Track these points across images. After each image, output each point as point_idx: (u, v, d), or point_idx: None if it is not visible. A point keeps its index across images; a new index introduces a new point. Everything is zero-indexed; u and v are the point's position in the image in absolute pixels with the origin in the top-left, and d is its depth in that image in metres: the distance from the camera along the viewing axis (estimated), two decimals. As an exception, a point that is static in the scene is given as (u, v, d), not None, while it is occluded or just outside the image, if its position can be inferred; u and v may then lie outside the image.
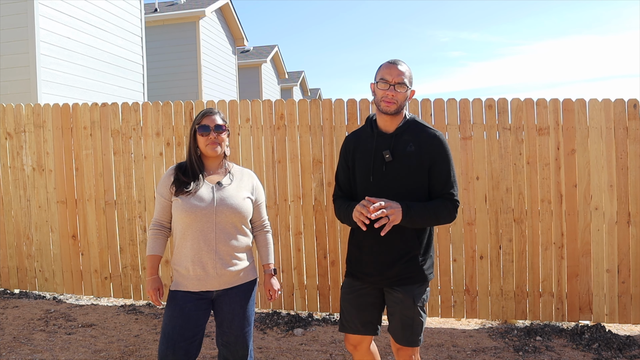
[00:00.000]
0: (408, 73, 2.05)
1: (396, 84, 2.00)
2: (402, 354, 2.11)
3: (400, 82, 2.00)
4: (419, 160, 2.03)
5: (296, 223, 4.14)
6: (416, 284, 2.07)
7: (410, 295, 2.05)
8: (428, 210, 2.00)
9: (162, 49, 12.02)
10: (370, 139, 2.12)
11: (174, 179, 2.18)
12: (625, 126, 3.80)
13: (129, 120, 4.38)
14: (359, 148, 2.15)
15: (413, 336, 2.07)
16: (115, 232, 4.43)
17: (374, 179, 2.06)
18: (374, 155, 2.08)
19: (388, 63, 2.05)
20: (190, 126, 2.22)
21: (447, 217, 2.05)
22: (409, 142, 2.05)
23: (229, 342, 2.19)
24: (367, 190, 2.06)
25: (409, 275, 2.05)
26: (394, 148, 2.05)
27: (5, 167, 4.64)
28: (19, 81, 6.42)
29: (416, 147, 2.04)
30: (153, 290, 2.17)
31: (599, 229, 3.83)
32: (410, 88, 2.05)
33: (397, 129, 2.08)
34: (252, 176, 2.33)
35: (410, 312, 2.05)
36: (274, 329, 3.82)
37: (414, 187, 2.03)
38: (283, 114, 4.13)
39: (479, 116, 3.93)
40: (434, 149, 2.04)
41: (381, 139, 2.09)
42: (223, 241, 2.12)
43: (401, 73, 2.01)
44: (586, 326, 3.75)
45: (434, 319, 4.12)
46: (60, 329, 3.78)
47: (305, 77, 24.84)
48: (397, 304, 2.07)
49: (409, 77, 2.05)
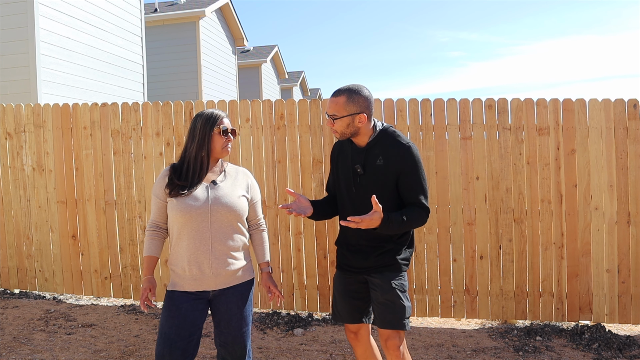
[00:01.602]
0: (342, 101, 2.13)
1: (330, 116, 2.16)
2: (390, 344, 2.15)
3: (331, 114, 2.15)
4: (387, 173, 2.17)
5: (296, 223, 4.14)
6: (392, 272, 2.21)
7: (386, 280, 2.18)
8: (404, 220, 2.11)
9: (162, 49, 12.02)
10: (348, 151, 2.28)
11: (168, 180, 2.17)
12: (625, 126, 3.80)
13: (129, 120, 4.38)
14: (340, 158, 2.33)
15: (394, 319, 2.14)
16: (115, 232, 4.43)
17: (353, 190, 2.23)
18: (351, 167, 2.24)
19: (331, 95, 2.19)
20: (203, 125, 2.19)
21: (420, 222, 2.18)
22: (378, 156, 2.18)
23: (226, 342, 2.19)
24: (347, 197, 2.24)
25: (384, 264, 2.21)
26: (365, 162, 2.20)
27: (5, 167, 4.64)
28: (19, 81, 6.42)
29: (385, 160, 2.17)
30: (145, 291, 2.13)
31: (599, 229, 3.83)
32: (348, 115, 2.12)
33: (368, 144, 2.21)
34: (247, 175, 2.33)
35: (389, 295, 2.16)
36: (273, 329, 3.82)
37: (386, 197, 2.15)
38: (283, 114, 4.14)
39: (479, 116, 3.93)
40: (400, 160, 2.15)
41: (355, 153, 2.25)
42: (219, 240, 2.12)
43: (333, 104, 2.14)
44: (586, 326, 3.75)
45: (434, 319, 4.12)
46: (60, 329, 3.78)
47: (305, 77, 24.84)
48: (376, 289, 2.20)
49: (343, 105, 2.13)
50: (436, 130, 3.97)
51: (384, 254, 2.21)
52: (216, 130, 2.17)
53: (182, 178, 2.15)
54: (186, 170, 2.17)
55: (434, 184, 3.93)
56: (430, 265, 3.99)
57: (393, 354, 2.15)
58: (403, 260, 2.24)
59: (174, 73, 12.03)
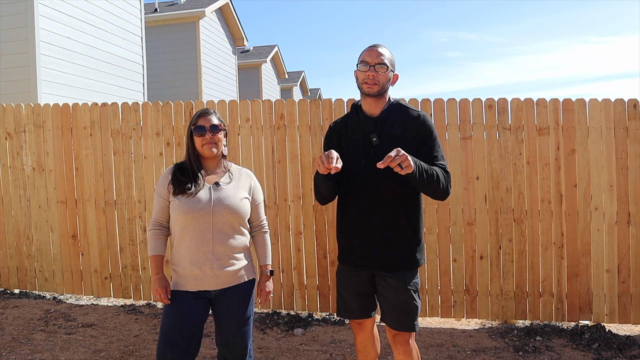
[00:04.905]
0: (388, 55, 2.09)
1: (376, 65, 2.05)
2: (399, 339, 2.12)
3: (380, 63, 2.05)
4: (405, 141, 2.06)
5: (296, 223, 4.14)
6: (408, 270, 2.11)
7: (402, 280, 2.08)
8: (432, 169, 1.99)
9: (162, 49, 12.02)
10: (356, 124, 2.15)
11: (171, 179, 2.17)
12: (625, 126, 3.80)
13: (129, 120, 4.38)
14: (344, 134, 2.18)
15: (409, 321, 2.09)
16: (115, 232, 4.43)
17: (362, 162, 2.07)
18: (362, 139, 2.10)
19: (368, 47, 2.10)
20: (188, 126, 2.22)
21: (445, 185, 2.04)
22: (394, 125, 2.09)
23: (227, 341, 2.19)
24: (357, 174, 2.08)
25: (401, 261, 2.09)
26: (380, 131, 2.09)
27: (5, 167, 4.64)
28: (19, 81, 6.42)
29: (402, 129, 2.08)
30: (161, 289, 2.13)
31: (599, 229, 3.83)
32: (391, 70, 2.10)
33: (382, 112, 2.12)
34: (250, 176, 2.32)
35: (404, 297, 2.08)
36: (274, 329, 3.82)
37: None
38: (283, 114, 4.13)
39: (479, 116, 3.93)
40: (419, 128, 2.08)
41: (367, 122, 2.12)
42: (220, 241, 2.12)
43: (380, 54, 2.06)
44: (586, 326, 3.75)
45: (434, 319, 4.12)
46: (60, 329, 3.78)
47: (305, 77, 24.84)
48: (390, 289, 2.09)
49: (390, 59, 2.09)
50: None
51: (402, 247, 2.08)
52: (193, 129, 2.18)
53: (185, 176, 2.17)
54: (186, 170, 2.19)
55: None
56: (430, 265, 3.99)
57: (401, 348, 2.11)
58: (419, 254, 2.14)
59: (174, 73, 12.03)
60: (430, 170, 1.97)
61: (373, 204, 2.06)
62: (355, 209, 2.11)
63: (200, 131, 2.15)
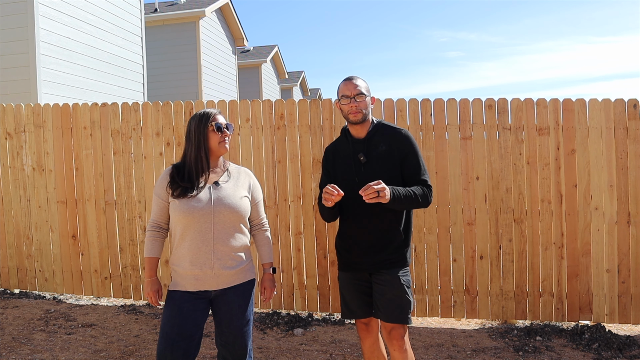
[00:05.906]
0: (363, 84, 2.35)
1: (355, 96, 2.31)
2: (395, 334, 2.27)
3: (358, 94, 2.31)
4: (390, 157, 2.32)
5: (296, 223, 4.14)
6: (401, 268, 2.34)
7: (395, 275, 2.31)
8: (409, 191, 2.24)
9: (162, 49, 12.02)
10: (346, 146, 2.41)
11: (170, 180, 2.17)
12: (625, 126, 3.80)
13: (129, 120, 4.38)
14: (337, 155, 2.44)
15: (403, 314, 2.27)
16: (115, 232, 4.43)
17: (356, 180, 2.31)
18: (352, 159, 2.36)
19: (344, 81, 2.36)
20: (197, 125, 2.19)
21: (425, 199, 2.29)
22: (379, 143, 2.35)
23: (227, 341, 2.19)
24: (351, 190, 2.28)
25: (395, 260, 2.33)
26: (367, 150, 2.35)
27: (5, 167, 4.64)
28: (19, 81, 6.42)
29: (387, 146, 2.34)
30: (152, 292, 2.19)
31: (599, 229, 3.83)
32: (368, 95, 2.35)
33: (368, 134, 2.38)
34: (249, 174, 2.33)
35: (397, 291, 2.28)
36: (274, 329, 3.82)
37: (390, 181, 2.26)
38: (283, 114, 4.13)
39: (479, 116, 3.93)
40: (402, 145, 2.34)
41: (356, 144, 2.38)
42: (221, 241, 2.12)
43: (357, 86, 2.32)
44: (586, 326, 3.75)
45: (434, 319, 4.12)
46: (60, 329, 3.78)
47: (305, 77, 24.83)
48: (385, 284, 2.30)
49: (365, 87, 2.35)
50: (436, 130, 3.97)
51: (395, 249, 2.32)
52: (210, 127, 2.18)
53: (184, 180, 2.14)
54: (188, 173, 2.16)
55: (434, 183, 3.93)
56: (430, 265, 3.99)
57: (396, 343, 2.26)
58: (408, 254, 2.38)
59: (174, 73, 12.02)
60: (407, 192, 2.21)
61: (367, 215, 2.30)
62: (351, 220, 2.36)
63: (220, 129, 2.19)
